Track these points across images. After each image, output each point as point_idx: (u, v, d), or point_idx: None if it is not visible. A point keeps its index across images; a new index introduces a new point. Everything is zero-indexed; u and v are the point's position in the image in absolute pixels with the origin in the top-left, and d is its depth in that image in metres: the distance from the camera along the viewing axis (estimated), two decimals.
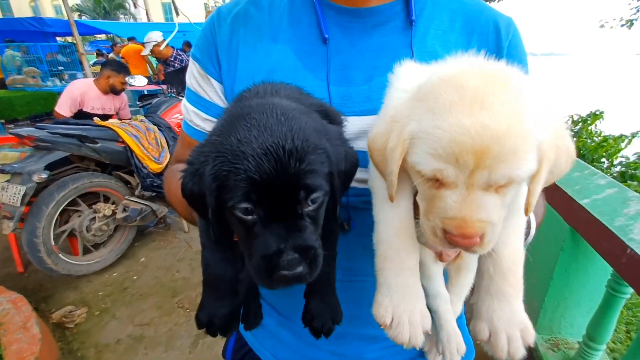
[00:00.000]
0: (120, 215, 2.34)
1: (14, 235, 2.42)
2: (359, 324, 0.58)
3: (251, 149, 0.30)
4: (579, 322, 1.77)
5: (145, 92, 3.38)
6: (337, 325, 0.47)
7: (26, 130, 2.00)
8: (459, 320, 0.53)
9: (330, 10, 0.53)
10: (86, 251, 2.42)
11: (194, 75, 0.61)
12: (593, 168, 1.75)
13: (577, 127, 9.05)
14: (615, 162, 7.51)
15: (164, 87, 3.61)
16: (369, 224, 0.51)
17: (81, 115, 2.67)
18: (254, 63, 0.54)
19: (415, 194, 0.37)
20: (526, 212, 0.33)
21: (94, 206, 2.33)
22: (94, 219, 2.32)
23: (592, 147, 7.58)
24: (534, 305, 1.86)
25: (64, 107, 2.70)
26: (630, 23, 7.08)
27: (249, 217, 0.33)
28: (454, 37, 0.54)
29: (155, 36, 3.03)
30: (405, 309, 0.36)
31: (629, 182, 5.64)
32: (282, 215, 0.33)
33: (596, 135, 8.46)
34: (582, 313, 1.75)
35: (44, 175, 1.93)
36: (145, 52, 3.32)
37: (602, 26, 7.60)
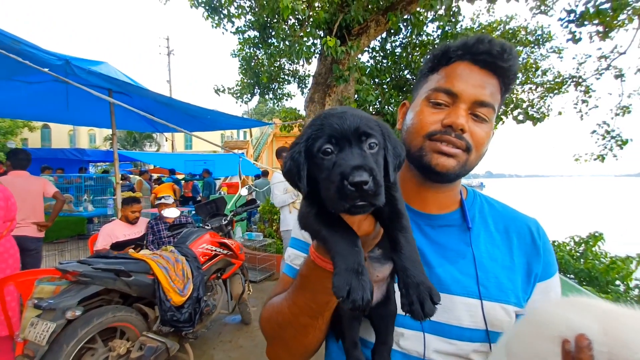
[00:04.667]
0: (135, 354, 2.24)
1: None
2: None
3: (332, 117, 0.46)
4: None
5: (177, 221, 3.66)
6: (438, 303, 0.46)
7: (71, 266, 2.15)
8: None
9: (408, 212, 0.74)
10: None
11: (301, 231, 0.76)
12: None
13: (581, 248, 9.12)
14: (631, 285, 7.29)
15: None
16: None
17: (116, 246, 2.94)
18: None
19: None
20: None
21: (109, 343, 2.26)
22: (106, 358, 2.21)
23: (602, 269, 7.49)
24: None
25: (100, 246, 3.20)
26: (602, 158, 8.02)
27: (328, 157, 0.44)
28: (498, 237, 0.71)
29: (174, 214, 3.54)
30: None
31: None
32: (351, 148, 0.44)
33: (602, 256, 8.46)
34: None
35: (78, 312, 1.97)
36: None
37: (577, 160, 8.58)
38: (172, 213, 3.45)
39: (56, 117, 6.11)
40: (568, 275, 8.02)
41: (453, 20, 5.09)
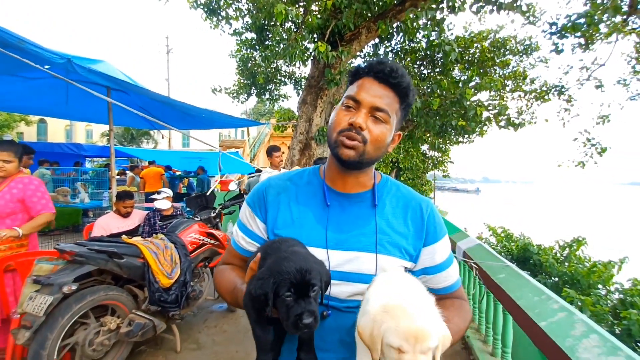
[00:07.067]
0: (124, 329, 2.45)
1: (11, 351, 2.45)
2: None
3: (291, 270, 0.69)
4: None
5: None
6: None
7: (69, 246, 2.35)
8: None
9: (331, 192, 0.95)
10: None
11: (245, 215, 1.00)
12: (548, 292, 2.03)
13: (565, 252, 9.40)
14: (611, 289, 7.56)
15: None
16: (344, 324, 0.84)
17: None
18: (288, 214, 0.94)
19: None
20: None
21: (101, 319, 2.46)
22: (98, 332, 2.41)
23: (584, 272, 7.75)
24: None
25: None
26: (582, 164, 8.32)
27: (289, 299, 0.69)
28: (399, 211, 0.94)
29: (165, 206, 3.73)
30: None
31: (630, 310, 5.60)
32: (302, 296, 0.69)
33: (585, 260, 8.73)
34: None
35: (74, 287, 2.17)
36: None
37: (559, 165, 8.89)
38: (163, 205, 3.66)
39: (55, 112, 6.22)
40: (553, 278, 8.25)
41: (437, 29, 5.33)
